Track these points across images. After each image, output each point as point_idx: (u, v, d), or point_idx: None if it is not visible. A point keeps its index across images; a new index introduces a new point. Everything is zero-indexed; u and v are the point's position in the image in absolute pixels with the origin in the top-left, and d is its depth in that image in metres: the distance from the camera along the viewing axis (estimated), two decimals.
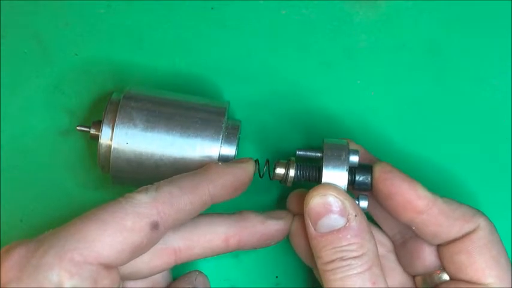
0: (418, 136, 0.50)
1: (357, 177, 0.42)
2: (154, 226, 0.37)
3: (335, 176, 0.41)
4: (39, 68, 0.50)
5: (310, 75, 0.51)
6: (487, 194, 0.50)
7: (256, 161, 0.43)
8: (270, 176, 0.44)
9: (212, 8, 0.51)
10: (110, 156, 0.43)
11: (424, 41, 0.51)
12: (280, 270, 0.50)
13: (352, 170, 0.42)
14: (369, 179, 0.42)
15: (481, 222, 0.40)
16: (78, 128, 0.46)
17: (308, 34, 0.51)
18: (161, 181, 0.39)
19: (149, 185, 0.38)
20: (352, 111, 0.50)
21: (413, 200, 0.40)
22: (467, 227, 0.40)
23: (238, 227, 0.41)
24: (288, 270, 0.49)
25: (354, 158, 0.42)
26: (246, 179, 0.41)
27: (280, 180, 0.43)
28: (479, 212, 0.41)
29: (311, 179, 0.43)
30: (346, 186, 0.41)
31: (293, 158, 0.43)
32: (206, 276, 0.44)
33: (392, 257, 0.45)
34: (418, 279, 0.44)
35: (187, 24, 0.51)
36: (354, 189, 0.42)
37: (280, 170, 0.43)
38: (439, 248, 0.42)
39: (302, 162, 0.43)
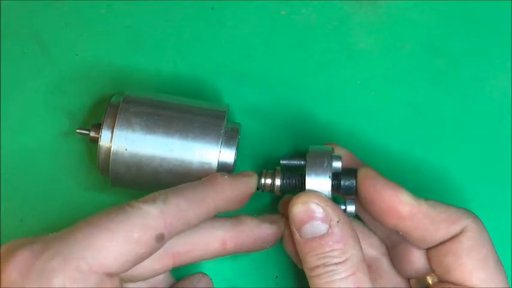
0: (418, 136, 0.50)
1: (342, 182, 0.42)
2: (160, 238, 0.37)
3: (318, 183, 0.41)
4: (39, 68, 0.50)
5: (310, 75, 0.51)
6: (487, 194, 0.49)
7: (258, 174, 0.43)
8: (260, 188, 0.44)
9: (212, 8, 0.51)
10: (109, 159, 0.44)
11: (424, 41, 0.51)
12: (280, 270, 0.50)
13: (337, 175, 0.42)
14: (354, 183, 0.42)
15: (469, 223, 0.40)
16: (77, 130, 0.46)
17: (308, 34, 0.51)
18: (168, 191, 0.39)
19: (156, 194, 0.38)
20: (352, 112, 0.50)
21: (396, 206, 0.40)
22: (454, 229, 0.40)
23: (235, 231, 0.41)
24: (287, 270, 0.49)
25: (337, 164, 0.42)
26: (250, 192, 0.42)
27: (269, 190, 0.44)
28: (468, 212, 0.41)
29: (297, 187, 0.43)
30: (329, 193, 0.41)
31: (279, 168, 0.44)
32: (210, 278, 0.45)
33: (385, 260, 0.45)
34: (413, 280, 0.44)
35: (187, 24, 0.51)
36: (340, 194, 0.42)
37: (266, 180, 0.43)
38: (428, 250, 0.42)
39: (288, 171, 0.43)
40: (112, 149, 0.43)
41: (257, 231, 0.42)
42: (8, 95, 0.50)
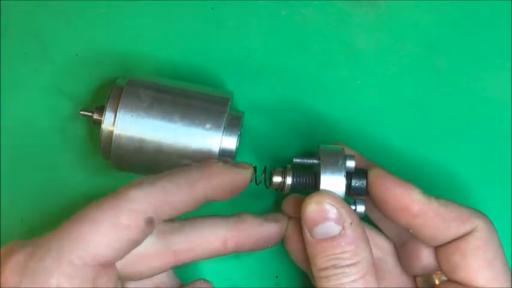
0: (419, 136, 0.50)
1: (353, 183, 0.42)
2: (150, 222, 0.37)
3: (333, 182, 0.41)
4: (39, 68, 0.50)
5: (310, 75, 0.51)
6: (487, 194, 0.49)
7: (255, 168, 0.43)
8: (266, 185, 0.43)
9: (212, 8, 0.51)
10: (111, 142, 0.43)
11: (424, 41, 0.51)
12: (280, 270, 0.50)
13: (348, 175, 0.42)
14: (365, 183, 0.42)
15: (479, 223, 0.40)
16: (81, 112, 0.46)
17: (308, 34, 0.51)
18: (157, 175, 0.38)
19: (144, 178, 0.38)
20: (352, 112, 0.50)
21: (407, 204, 0.40)
22: (464, 229, 0.40)
23: (237, 230, 0.41)
24: (288, 270, 0.49)
25: (351, 163, 0.42)
26: (243, 184, 0.41)
27: (277, 188, 0.43)
28: (478, 212, 0.41)
29: (308, 186, 0.43)
30: (344, 192, 0.41)
31: (289, 166, 0.43)
32: (211, 283, 0.44)
33: (391, 260, 0.45)
34: (419, 279, 0.44)
35: (187, 25, 0.51)
36: (350, 194, 0.42)
37: (277, 178, 0.43)
38: (436, 248, 0.42)
39: (298, 169, 0.43)
40: (115, 131, 0.43)
41: (259, 230, 0.42)
42: (8, 95, 0.50)
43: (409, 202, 0.40)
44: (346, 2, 0.51)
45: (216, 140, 0.44)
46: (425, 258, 0.42)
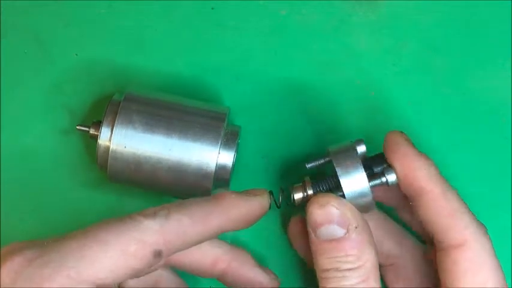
0: (418, 136, 0.50)
1: (374, 170, 0.41)
2: (158, 254, 0.36)
3: (354, 181, 0.40)
4: (39, 68, 0.50)
5: (310, 75, 0.51)
6: (487, 194, 0.49)
7: (270, 192, 0.42)
8: (289, 204, 0.43)
9: (212, 8, 0.51)
10: (108, 157, 0.44)
11: (424, 41, 0.51)
12: (280, 270, 0.49)
13: (367, 164, 0.41)
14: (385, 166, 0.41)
15: (472, 239, 0.39)
16: (78, 127, 0.46)
17: (308, 34, 0.51)
18: (171, 206, 0.38)
19: (158, 208, 0.37)
20: (352, 112, 0.50)
21: (412, 177, 0.40)
22: (459, 235, 0.39)
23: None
24: (288, 270, 0.49)
25: (361, 148, 0.41)
26: (260, 213, 0.41)
27: (300, 204, 0.43)
28: (476, 224, 0.40)
29: (331, 191, 0.42)
30: (368, 187, 0.40)
31: (307, 178, 0.43)
32: None
33: (409, 258, 0.45)
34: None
35: (187, 24, 0.51)
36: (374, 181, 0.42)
37: (298, 195, 0.42)
38: (438, 254, 0.41)
39: (315, 176, 0.43)
40: (111, 144, 0.44)
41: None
42: (8, 95, 0.50)
43: (414, 176, 0.40)
44: (346, 2, 0.51)
45: (213, 155, 0.44)
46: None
